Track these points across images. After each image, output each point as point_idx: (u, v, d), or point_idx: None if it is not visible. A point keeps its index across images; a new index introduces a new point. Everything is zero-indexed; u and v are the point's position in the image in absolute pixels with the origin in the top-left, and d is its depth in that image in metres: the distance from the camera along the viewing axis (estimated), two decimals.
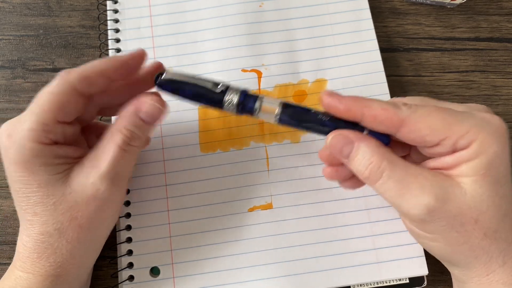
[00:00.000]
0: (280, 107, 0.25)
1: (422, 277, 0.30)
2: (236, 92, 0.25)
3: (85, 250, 0.25)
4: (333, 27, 0.35)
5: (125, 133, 0.24)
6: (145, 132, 0.25)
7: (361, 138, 0.23)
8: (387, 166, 0.22)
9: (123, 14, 0.36)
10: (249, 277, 0.30)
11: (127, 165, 0.26)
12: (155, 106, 0.25)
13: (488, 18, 0.37)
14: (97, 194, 0.24)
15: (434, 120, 0.22)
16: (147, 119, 0.25)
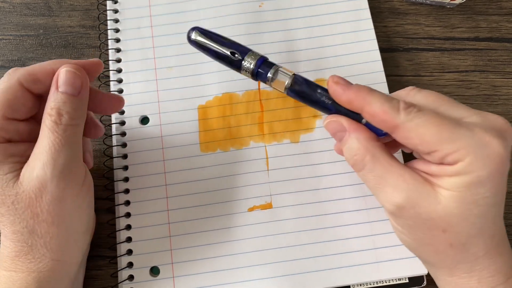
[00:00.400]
0: (291, 79, 0.25)
1: (422, 276, 0.30)
2: (254, 59, 0.26)
3: (61, 245, 0.25)
4: (333, 27, 0.35)
5: (51, 113, 0.23)
6: (73, 106, 0.24)
7: (354, 128, 0.24)
8: (370, 160, 0.23)
9: (123, 14, 0.36)
10: (249, 276, 0.30)
11: (69, 150, 0.24)
12: (71, 72, 0.24)
13: (487, 18, 0.37)
14: (45, 186, 0.23)
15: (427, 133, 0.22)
16: (69, 90, 0.24)
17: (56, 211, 0.24)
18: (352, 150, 0.24)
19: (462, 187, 0.22)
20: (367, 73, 0.34)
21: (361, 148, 0.23)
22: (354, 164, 0.24)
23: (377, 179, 0.23)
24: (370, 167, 0.23)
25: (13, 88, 0.24)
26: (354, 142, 0.24)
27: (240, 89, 0.34)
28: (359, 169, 0.24)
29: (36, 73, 0.24)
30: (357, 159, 0.24)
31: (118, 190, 0.32)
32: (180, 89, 0.34)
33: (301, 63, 0.35)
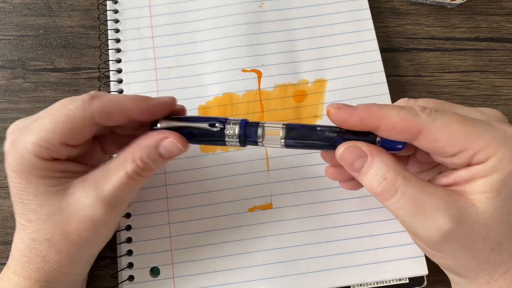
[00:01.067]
0: (283, 131, 0.24)
1: (422, 277, 0.30)
2: (235, 124, 0.24)
3: (74, 263, 0.25)
4: (333, 27, 0.35)
5: (139, 163, 0.24)
6: (158, 165, 0.25)
7: (375, 151, 0.22)
8: (402, 183, 0.21)
9: (123, 14, 0.36)
10: (249, 277, 0.30)
11: (131, 193, 0.25)
12: (177, 146, 0.24)
13: (488, 18, 0.37)
14: (93, 217, 0.23)
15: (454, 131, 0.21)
16: (165, 155, 0.24)
17: (87, 237, 0.24)
18: (380, 174, 0.22)
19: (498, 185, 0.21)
20: (367, 73, 0.34)
21: (390, 171, 0.21)
22: (383, 191, 0.22)
23: (413, 204, 0.21)
24: (403, 191, 0.21)
25: (84, 120, 0.23)
26: (381, 166, 0.22)
27: (241, 90, 0.34)
28: (391, 196, 0.21)
29: (112, 111, 0.23)
30: (388, 183, 0.21)
31: None
32: (180, 89, 0.34)
33: (301, 63, 0.35)
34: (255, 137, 0.24)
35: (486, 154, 0.21)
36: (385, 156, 0.22)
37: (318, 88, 0.34)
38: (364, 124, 0.22)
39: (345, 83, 0.34)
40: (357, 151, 0.22)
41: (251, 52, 0.35)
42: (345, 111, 0.22)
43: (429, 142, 0.21)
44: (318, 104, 0.34)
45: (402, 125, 0.21)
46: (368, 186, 0.22)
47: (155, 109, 0.24)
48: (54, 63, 0.36)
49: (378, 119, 0.22)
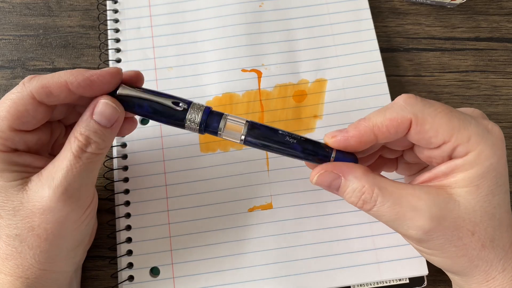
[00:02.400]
0: (245, 127, 0.24)
1: (422, 277, 0.30)
2: (199, 110, 0.24)
3: (50, 259, 0.24)
4: (333, 27, 0.35)
5: (80, 138, 0.23)
6: (103, 137, 0.23)
7: (346, 170, 0.23)
8: (379, 193, 0.22)
9: (123, 14, 0.36)
10: (249, 277, 0.30)
11: (85, 176, 0.23)
12: (110, 106, 0.23)
13: (488, 18, 0.37)
14: (50, 206, 0.23)
15: (440, 122, 0.21)
16: (102, 121, 0.23)
17: (52, 230, 0.23)
18: (356, 190, 0.23)
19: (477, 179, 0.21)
20: (368, 73, 0.34)
21: (365, 185, 0.22)
22: (364, 204, 0.23)
23: (393, 210, 0.22)
24: (381, 200, 0.22)
25: (25, 100, 0.23)
26: (355, 182, 0.23)
27: (240, 89, 0.34)
28: (371, 207, 0.23)
29: (50, 86, 0.23)
30: (366, 197, 0.22)
31: (118, 190, 0.32)
32: (180, 89, 0.34)
33: (301, 63, 0.35)
34: (216, 127, 0.24)
35: (467, 148, 0.21)
36: (357, 171, 0.23)
37: (318, 88, 0.34)
38: (363, 142, 0.23)
39: (345, 83, 0.34)
40: (329, 175, 0.23)
41: (251, 52, 0.35)
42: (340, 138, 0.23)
43: (418, 133, 0.22)
44: (318, 104, 0.34)
45: (393, 125, 0.22)
46: (350, 202, 0.24)
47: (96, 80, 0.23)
48: (54, 63, 0.36)
49: (371, 131, 0.22)
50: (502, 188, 0.22)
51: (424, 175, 0.23)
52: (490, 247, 0.22)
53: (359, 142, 0.23)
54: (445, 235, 0.22)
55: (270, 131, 0.24)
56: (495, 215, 0.22)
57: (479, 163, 0.21)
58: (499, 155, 0.22)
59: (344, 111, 0.33)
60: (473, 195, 0.21)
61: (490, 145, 0.21)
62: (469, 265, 0.23)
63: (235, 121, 0.24)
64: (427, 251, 0.24)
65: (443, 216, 0.21)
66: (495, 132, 0.22)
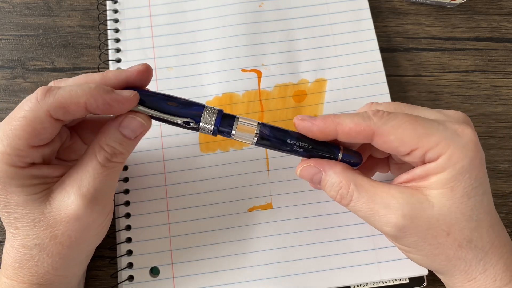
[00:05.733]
0: (257, 128, 0.25)
1: (422, 277, 0.30)
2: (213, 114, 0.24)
3: (67, 264, 0.25)
4: (333, 27, 0.35)
5: (106, 149, 0.23)
6: (127, 148, 0.24)
7: (327, 165, 0.25)
8: (355, 189, 0.24)
9: (122, 14, 0.36)
10: (249, 277, 0.30)
11: (109, 183, 0.24)
12: (138, 121, 0.24)
13: (488, 18, 0.37)
14: (77, 214, 0.23)
15: (404, 132, 0.22)
16: (129, 134, 0.24)
17: (76, 237, 0.24)
18: (335, 185, 0.24)
19: (450, 181, 0.22)
20: (367, 73, 0.34)
21: (342, 180, 0.24)
22: (341, 198, 0.24)
23: (368, 205, 0.23)
24: (357, 196, 0.23)
25: (42, 119, 0.22)
26: (333, 177, 0.24)
27: (240, 89, 0.34)
28: (348, 202, 0.24)
29: (67, 105, 0.22)
30: (343, 192, 0.24)
31: (118, 190, 0.32)
32: (180, 89, 0.34)
33: (301, 63, 0.35)
34: (229, 130, 0.25)
35: (437, 152, 0.22)
36: (337, 167, 0.24)
37: (318, 88, 0.34)
38: (324, 133, 0.24)
39: (345, 83, 0.34)
40: (311, 169, 0.25)
41: (251, 52, 0.35)
42: (307, 122, 0.24)
43: (383, 143, 0.23)
44: (318, 104, 0.34)
45: (356, 130, 0.23)
46: (330, 196, 0.25)
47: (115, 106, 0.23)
48: (54, 63, 0.36)
49: (335, 127, 0.24)
50: (478, 189, 0.22)
51: (402, 176, 0.24)
52: (468, 247, 0.23)
53: (320, 132, 0.24)
54: (418, 233, 0.23)
55: (281, 133, 0.25)
56: (472, 217, 0.22)
57: (451, 166, 0.22)
58: (471, 157, 0.22)
59: (344, 111, 0.33)
60: (447, 197, 0.22)
61: (460, 147, 0.22)
62: (446, 263, 0.23)
63: (247, 123, 0.25)
64: (404, 248, 0.24)
65: (416, 215, 0.22)
66: (466, 134, 0.23)
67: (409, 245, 0.24)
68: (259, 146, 0.25)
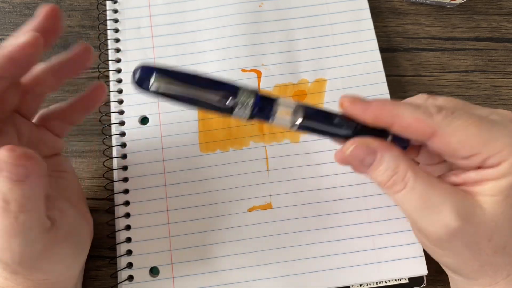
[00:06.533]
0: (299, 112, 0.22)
1: (422, 277, 0.30)
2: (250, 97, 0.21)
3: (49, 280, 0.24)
4: (333, 27, 0.35)
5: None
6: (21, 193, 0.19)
7: (384, 147, 0.22)
8: (411, 176, 0.21)
9: (122, 14, 0.36)
10: (249, 277, 0.30)
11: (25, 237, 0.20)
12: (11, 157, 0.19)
13: (488, 18, 0.37)
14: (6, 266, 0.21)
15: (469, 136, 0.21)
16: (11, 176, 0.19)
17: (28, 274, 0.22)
18: (390, 169, 0.21)
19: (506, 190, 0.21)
20: (367, 73, 0.34)
21: (401, 165, 0.21)
22: (393, 184, 0.22)
23: (421, 198, 0.21)
24: (412, 184, 0.21)
25: None
26: (390, 160, 0.21)
27: None
28: (400, 189, 0.22)
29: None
30: (397, 178, 0.21)
31: (118, 190, 0.32)
32: None
33: (301, 63, 0.35)
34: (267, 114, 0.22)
35: (499, 159, 0.21)
36: (395, 151, 0.22)
37: (318, 88, 0.34)
38: (377, 121, 0.22)
39: (345, 83, 0.34)
40: (367, 148, 0.22)
41: (251, 52, 0.35)
42: (359, 106, 0.22)
43: (442, 145, 0.21)
44: (318, 104, 0.34)
45: (416, 126, 0.21)
46: (379, 181, 0.22)
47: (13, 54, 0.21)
48: None
49: (392, 117, 0.21)
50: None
51: (452, 178, 0.22)
52: (502, 253, 0.22)
53: (374, 120, 0.22)
54: (464, 237, 0.21)
55: (325, 116, 0.22)
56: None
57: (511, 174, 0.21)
58: None
59: None
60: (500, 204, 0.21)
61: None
62: (478, 269, 0.22)
63: (287, 106, 0.22)
64: (439, 252, 0.23)
65: (468, 218, 0.21)
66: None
67: (448, 248, 0.22)
68: (299, 131, 0.23)
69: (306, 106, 0.22)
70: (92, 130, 0.34)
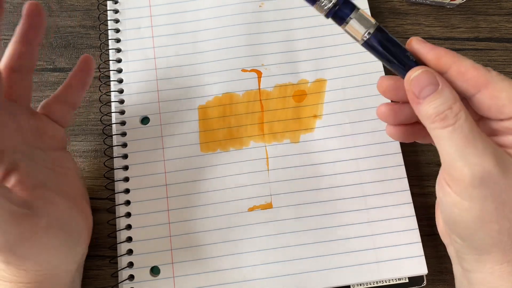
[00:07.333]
0: (374, 28, 0.23)
1: (422, 276, 0.30)
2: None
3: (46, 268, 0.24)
4: (333, 27, 0.35)
5: None
6: None
7: (446, 82, 0.23)
8: (463, 116, 0.22)
9: (123, 14, 0.36)
10: (249, 276, 0.30)
11: None
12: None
13: (487, 18, 0.37)
14: None
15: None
16: None
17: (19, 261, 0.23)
18: (448, 103, 0.22)
19: None
20: (367, 73, 0.34)
21: (456, 103, 0.22)
22: (444, 118, 0.22)
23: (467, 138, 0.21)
24: (462, 123, 0.21)
25: None
26: (450, 95, 0.22)
27: (240, 89, 0.34)
28: (451, 123, 0.22)
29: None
30: (452, 111, 0.22)
31: (118, 190, 0.32)
32: (180, 89, 0.34)
33: (300, 63, 0.35)
34: (347, 15, 0.23)
35: None
36: (453, 89, 0.23)
37: (317, 88, 0.34)
38: (439, 61, 0.23)
39: (345, 83, 0.34)
40: (431, 77, 0.22)
41: (251, 52, 0.35)
42: (427, 45, 0.23)
43: (491, 98, 0.22)
44: (318, 103, 0.34)
45: (472, 73, 0.22)
46: (431, 113, 0.22)
47: None
48: (54, 63, 0.36)
49: (453, 60, 0.23)
50: None
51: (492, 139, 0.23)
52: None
53: (435, 59, 0.23)
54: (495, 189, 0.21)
55: (392, 42, 0.24)
56: None
57: None
58: None
59: (344, 111, 0.33)
60: None
61: None
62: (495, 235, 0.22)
63: (365, 18, 0.23)
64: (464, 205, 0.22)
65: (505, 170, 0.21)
66: None
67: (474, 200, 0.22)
68: (364, 46, 0.24)
69: (379, 26, 0.24)
70: (93, 130, 0.34)
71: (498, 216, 0.22)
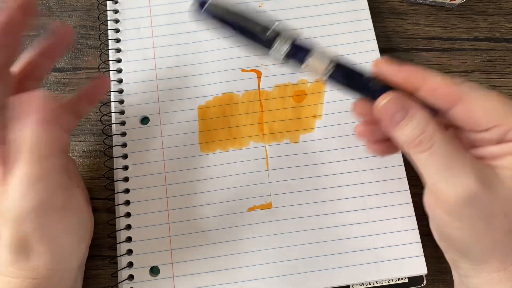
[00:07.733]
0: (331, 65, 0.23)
1: (421, 276, 0.30)
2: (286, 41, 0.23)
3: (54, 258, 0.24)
4: (333, 27, 0.35)
5: None
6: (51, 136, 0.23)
7: (416, 105, 0.22)
8: (438, 138, 0.21)
9: (123, 14, 0.36)
10: (249, 276, 0.30)
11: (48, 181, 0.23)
12: None
13: (487, 18, 0.37)
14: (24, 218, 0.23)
15: (493, 104, 0.21)
16: None
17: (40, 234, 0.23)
18: (419, 127, 0.22)
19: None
20: None
21: (430, 125, 0.22)
22: (419, 143, 0.22)
23: (446, 159, 0.21)
24: (438, 145, 0.21)
25: None
26: (422, 119, 0.22)
27: (240, 89, 0.34)
28: (425, 149, 0.22)
29: None
30: (426, 136, 0.21)
31: (118, 190, 0.32)
32: (180, 89, 0.34)
33: None
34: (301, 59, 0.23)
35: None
36: (425, 111, 0.22)
37: (317, 88, 0.34)
38: (407, 82, 0.22)
39: None
40: (401, 103, 0.22)
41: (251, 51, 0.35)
42: (393, 66, 0.23)
43: (465, 112, 0.22)
44: (318, 104, 0.34)
45: (443, 90, 0.22)
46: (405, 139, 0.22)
47: None
48: None
49: (422, 80, 0.22)
50: None
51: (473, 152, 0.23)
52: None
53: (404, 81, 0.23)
54: (480, 207, 0.21)
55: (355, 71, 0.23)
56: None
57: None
58: None
59: (344, 111, 0.33)
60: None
61: None
62: (489, 247, 0.22)
63: (321, 57, 0.23)
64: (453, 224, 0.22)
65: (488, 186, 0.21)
66: None
67: (463, 216, 0.22)
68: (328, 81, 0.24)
69: (339, 60, 0.23)
70: (92, 130, 0.34)
71: (490, 230, 0.22)
